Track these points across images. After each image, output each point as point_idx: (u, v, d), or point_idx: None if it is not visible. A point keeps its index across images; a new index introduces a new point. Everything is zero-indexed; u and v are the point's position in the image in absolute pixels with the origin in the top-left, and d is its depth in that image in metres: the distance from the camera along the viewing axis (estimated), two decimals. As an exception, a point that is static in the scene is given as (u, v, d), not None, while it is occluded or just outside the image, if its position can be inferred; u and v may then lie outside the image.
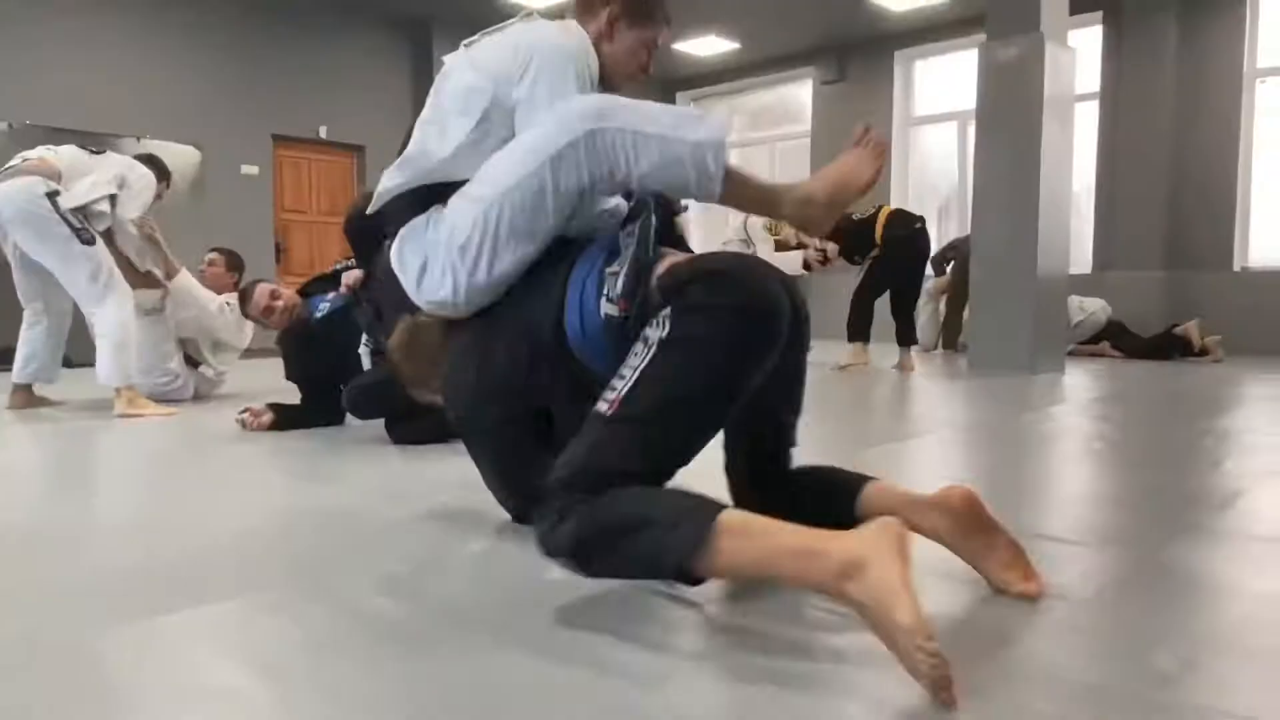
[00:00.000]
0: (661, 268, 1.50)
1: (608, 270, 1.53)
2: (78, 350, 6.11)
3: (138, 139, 7.66)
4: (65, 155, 3.89)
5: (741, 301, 1.40)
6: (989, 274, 5.92)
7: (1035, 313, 5.70)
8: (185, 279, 4.31)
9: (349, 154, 9.14)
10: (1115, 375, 5.71)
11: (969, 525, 1.43)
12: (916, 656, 1.01)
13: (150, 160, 4.24)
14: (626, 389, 1.37)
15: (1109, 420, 3.70)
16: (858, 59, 9.95)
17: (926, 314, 7.83)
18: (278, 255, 8.68)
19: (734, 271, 1.45)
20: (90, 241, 3.71)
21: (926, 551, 1.79)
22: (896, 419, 3.88)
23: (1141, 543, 1.81)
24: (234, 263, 4.69)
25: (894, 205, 8.04)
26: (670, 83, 11.64)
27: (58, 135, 6.63)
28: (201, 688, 1.13)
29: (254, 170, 8.39)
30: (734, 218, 6.96)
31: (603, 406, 1.38)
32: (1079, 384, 5.16)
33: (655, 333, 1.40)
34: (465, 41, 1.84)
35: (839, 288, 6.41)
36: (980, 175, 5.97)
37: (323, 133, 8.84)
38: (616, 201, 1.76)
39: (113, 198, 3.88)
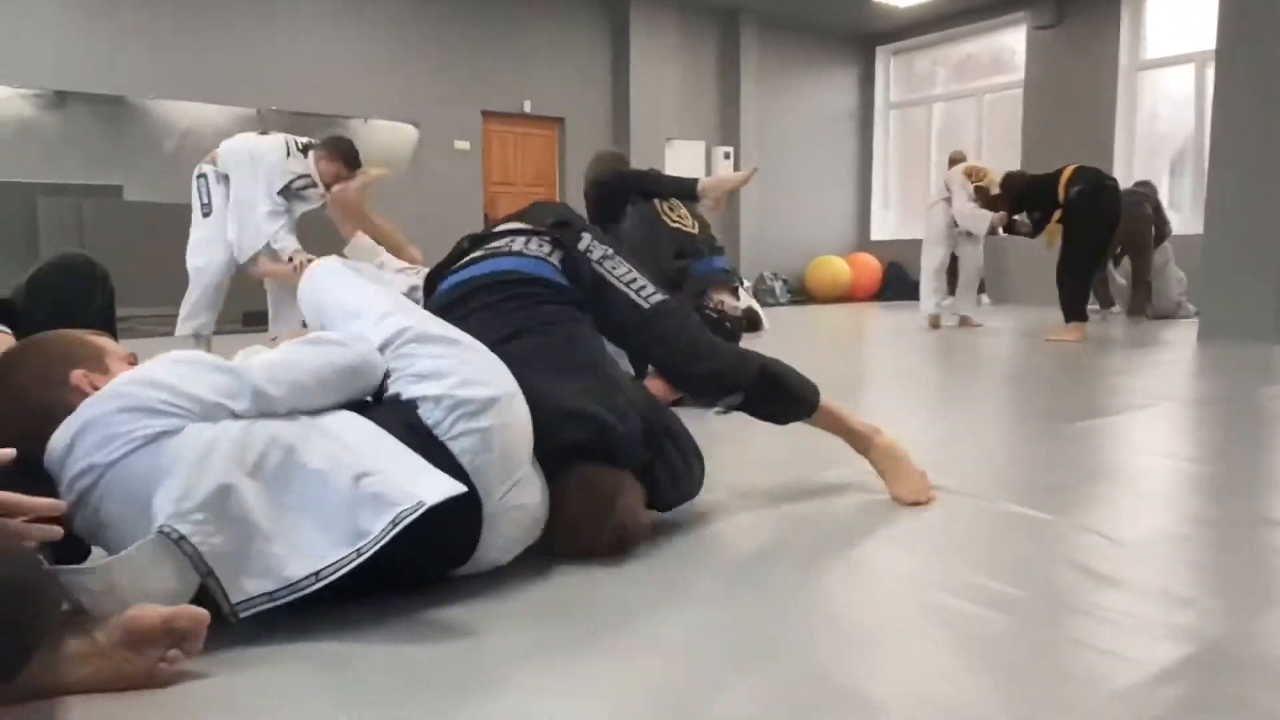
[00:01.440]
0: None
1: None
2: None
3: (365, 120, 8.34)
4: (230, 144, 4.20)
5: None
6: (1226, 232, 5.36)
7: (1281, 275, 5.13)
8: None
9: (551, 126, 9.50)
10: (1381, 344, 5.04)
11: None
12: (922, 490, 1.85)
13: (328, 142, 4.13)
14: (649, 287, 1.77)
15: (1368, 395, 3.31)
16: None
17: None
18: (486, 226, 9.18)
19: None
20: (205, 214, 4.19)
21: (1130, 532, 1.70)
22: (1111, 391, 3.62)
23: (1394, 532, 1.65)
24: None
25: (1118, 159, 7.46)
26: (869, 37, 11.23)
27: (298, 119, 7.36)
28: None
29: (465, 145, 8.90)
30: (936, 179, 6.72)
31: (658, 300, 1.75)
32: (1334, 354, 4.61)
33: (600, 247, 1.75)
34: None
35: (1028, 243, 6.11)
36: (1220, 123, 5.42)
37: (526, 107, 9.23)
38: None
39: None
